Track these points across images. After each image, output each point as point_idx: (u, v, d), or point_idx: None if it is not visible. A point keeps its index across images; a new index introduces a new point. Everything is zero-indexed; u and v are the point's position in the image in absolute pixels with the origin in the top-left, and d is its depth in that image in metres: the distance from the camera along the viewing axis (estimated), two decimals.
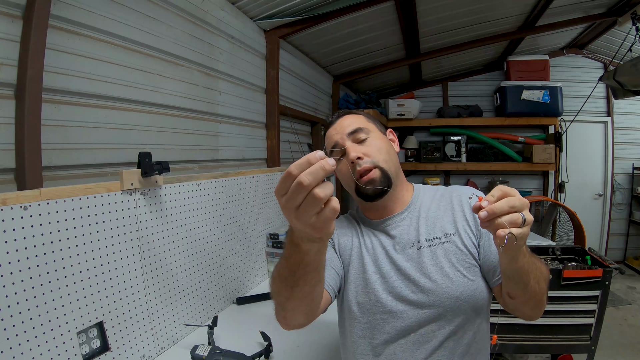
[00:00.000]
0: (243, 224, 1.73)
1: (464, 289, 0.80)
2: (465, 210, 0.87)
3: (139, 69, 1.39)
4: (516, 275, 0.69)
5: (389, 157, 0.88)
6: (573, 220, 2.92)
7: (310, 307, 0.71)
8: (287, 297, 0.66)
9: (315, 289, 0.67)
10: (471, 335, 0.81)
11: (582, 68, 4.47)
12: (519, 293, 0.72)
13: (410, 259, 0.84)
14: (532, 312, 0.78)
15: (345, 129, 0.90)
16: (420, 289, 0.81)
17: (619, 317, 3.20)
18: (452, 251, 0.83)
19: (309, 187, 0.45)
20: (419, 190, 0.96)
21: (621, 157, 4.52)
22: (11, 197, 0.80)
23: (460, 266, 0.81)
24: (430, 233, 0.86)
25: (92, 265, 0.98)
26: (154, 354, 1.17)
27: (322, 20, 2.40)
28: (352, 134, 0.89)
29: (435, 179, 4.61)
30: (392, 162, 0.89)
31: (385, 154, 0.88)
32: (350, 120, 0.92)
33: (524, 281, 0.69)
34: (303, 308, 0.70)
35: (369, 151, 0.86)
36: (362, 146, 0.88)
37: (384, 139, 0.93)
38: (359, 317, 0.86)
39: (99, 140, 1.24)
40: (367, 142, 0.88)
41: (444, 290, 0.79)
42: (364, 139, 0.88)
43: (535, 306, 0.76)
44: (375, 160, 0.86)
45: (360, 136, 0.88)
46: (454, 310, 0.79)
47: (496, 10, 2.92)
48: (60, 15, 1.09)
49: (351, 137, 0.88)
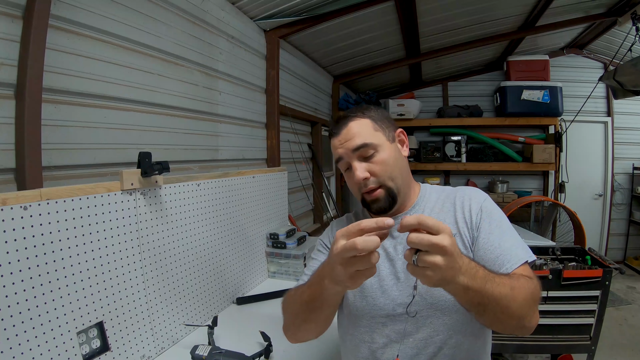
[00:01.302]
0: (243, 224, 1.73)
1: None
2: (465, 212, 0.85)
3: (139, 69, 1.39)
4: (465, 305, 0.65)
5: (396, 170, 0.86)
6: (573, 220, 2.92)
7: (322, 329, 0.82)
8: (304, 320, 0.78)
9: (330, 317, 0.79)
10: (472, 340, 0.80)
11: (582, 68, 4.47)
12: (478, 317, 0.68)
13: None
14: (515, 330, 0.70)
15: (350, 143, 0.85)
16: (419, 291, 0.80)
17: (619, 317, 3.20)
18: None
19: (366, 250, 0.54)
20: (425, 191, 0.94)
21: (621, 157, 4.52)
22: (11, 197, 0.80)
23: None
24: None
25: (92, 265, 0.98)
26: (154, 354, 1.17)
27: (322, 20, 2.40)
28: (357, 151, 0.84)
29: (435, 179, 4.61)
30: (399, 173, 0.86)
31: (392, 167, 0.85)
32: (355, 129, 0.86)
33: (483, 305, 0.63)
34: (316, 330, 0.81)
35: (375, 170, 0.84)
36: (368, 164, 0.84)
37: (392, 148, 0.88)
38: (358, 320, 0.86)
39: (99, 140, 1.24)
40: (374, 158, 0.85)
41: (442, 293, 0.77)
42: (372, 154, 0.85)
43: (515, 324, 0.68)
44: (382, 180, 0.84)
45: (366, 153, 0.84)
46: (453, 313, 0.78)
47: (496, 10, 2.92)
48: (60, 15, 1.09)
49: (356, 153, 0.84)
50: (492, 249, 0.78)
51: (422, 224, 0.54)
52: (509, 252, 0.76)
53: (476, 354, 0.82)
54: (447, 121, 4.48)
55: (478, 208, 0.85)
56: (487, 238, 0.80)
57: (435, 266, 0.54)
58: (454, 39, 3.38)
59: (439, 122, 4.53)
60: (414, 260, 0.55)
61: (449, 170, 4.68)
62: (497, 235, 0.80)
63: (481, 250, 0.79)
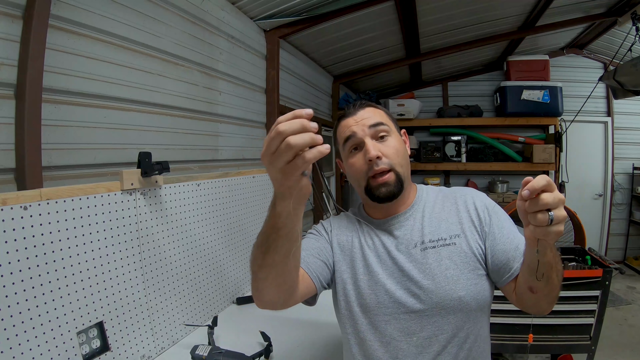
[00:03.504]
0: (243, 224, 1.73)
1: (468, 291, 0.79)
2: (471, 211, 0.86)
3: (139, 69, 1.39)
4: (541, 268, 0.67)
5: (404, 161, 0.87)
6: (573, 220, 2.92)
7: (282, 280, 0.70)
8: (259, 265, 0.68)
9: (287, 261, 0.66)
10: (473, 340, 0.80)
11: (582, 68, 4.47)
12: (542, 287, 0.71)
13: (413, 259, 0.83)
14: (549, 306, 0.77)
15: (366, 120, 0.85)
16: (424, 290, 0.80)
17: (619, 317, 3.20)
18: (457, 253, 0.81)
19: (283, 134, 0.49)
20: (422, 191, 0.94)
21: (621, 157, 4.52)
22: (11, 197, 0.80)
23: (465, 268, 0.80)
24: (435, 234, 0.84)
25: (92, 265, 0.98)
26: (154, 354, 1.17)
27: (322, 20, 2.40)
28: (373, 128, 0.84)
29: (435, 179, 4.61)
30: (406, 166, 0.87)
31: (402, 157, 0.86)
32: (371, 112, 0.88)
33: (548, 275, 0.68)
34: (274, 278, 0.69)
35: (388, 152, 0.83)
36: (381, 144, 0.84)
37: (401, 140, 0.89)
38: (361, 318, 0.85)
39: (99, 140, 1.24)
40: (387, 141, 0.85)
41: (448, 293, 0.78)
42: (384, 137, 0.85)
43: (553, 299, 0.76)
44: (393, 163, 0.83)
45: (381, 132, 0.84)
46: (457, 312, 0.78)
47: (496, 10, 2.92)
48: (60, 15, 1.09)
49: (372, 130, 0.84)
50: (511, 239, 0.81)
51: (550, 184, 0.57)
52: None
53: (478, 353, 0.82)
54: (447, 121, 4.48)
55: (483, 205, 0.87)
56: (501, 231, 0.82)
57: (564, 218, 0.58)
58: (454, 39, 3.39)
59: (439, 122, 4.53)
60: (550, 219, 0.57)
61: (449, 170, 4.68)
62: (508, 228, 0.83)
63: (500, 242, 0.81)
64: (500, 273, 0.80)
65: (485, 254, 0.82)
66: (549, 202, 0.57)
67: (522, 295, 0.77)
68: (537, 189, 0.57)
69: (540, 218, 0.58)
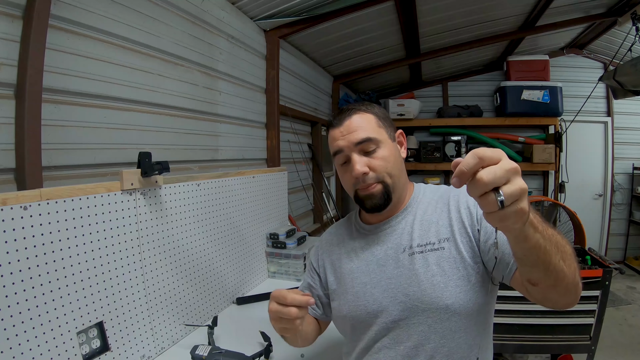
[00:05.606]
0: (243, 224, 1.73)
1: (456, 299, 0.75)
2: (462, 210, 0.81)
3: (139, 69, 1.39)
4: (530, 256, 0.56)
5: (394, 168, 0.84)
6: (573, 220, 2.92)
7: (305, 340, 0.96)
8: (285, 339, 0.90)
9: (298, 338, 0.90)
10: (465, 350, 0.77)
11: (582, 68, 4.47)
12: (540, 277, 0.60)
13: (401, 265, 0.82)
14: (565, 299, 0.64)
15: (352, 136, 0.82)
16: (410, 297, 0.78)
17: (619, 317, 3.20)
18: (445, 258, 0.78)
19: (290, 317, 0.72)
20: (419, 191, 0.92)
21: (621, 157, 4.52)
22: (11, 197, 0.80)
23: (453, 275, 0.77)
24: (423, 238, 0.82)
25: (92, 265, 0.98)
26: (154, 354, 1.17)
27: (322, 20, 2.40)
28: (360, 144, 0.82)
29: (435, 179, 4.61)
30: (396, 171, 0.85)
31: (392, 165, 0.84)
32: (359, 122, 0.84)
33: (542, 262, 0.56)
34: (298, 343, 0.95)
35: (375, 165, 0.82)
36: (368, 158, 0.83)
37: (392, 146, 0.87)
38: (352, 327, 0.88)
39: (99, 140, 1.24)
40: (376, 153, 0.83)
41: (434, 300, 0.76)
42: (372, 149, 0.83)
43: (566, 290, 0.62)
44: (381, 176, 0.82)
45: (368, 147, 0.82)
46: (445, 321, 0.76)
47: (496, 10, 2.92)
48: (60, 15, 1.09)
49: (358, 147, 0.82)
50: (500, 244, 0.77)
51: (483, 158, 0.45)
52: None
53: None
54: (447, 121, 4.48)
55: (474, 202, 0.84)
56: (487, 233, 0.77)
57: (523, 192, 0.45)
58: (454, 39, 3.38)
59: (439, 122, 4.53)
60: (500, 200, 0.44)
61: (449, 171, 4.66)
62: None
63: (492, 235, 0.75)
64: (500, 269, 0.75)
65: (480, 253, 0.78)
66: (489, 181, 0.44)
67: (528, 289, 0.68)
68: (467, 172, 0.45)
69: (486, 202, 0.45)
